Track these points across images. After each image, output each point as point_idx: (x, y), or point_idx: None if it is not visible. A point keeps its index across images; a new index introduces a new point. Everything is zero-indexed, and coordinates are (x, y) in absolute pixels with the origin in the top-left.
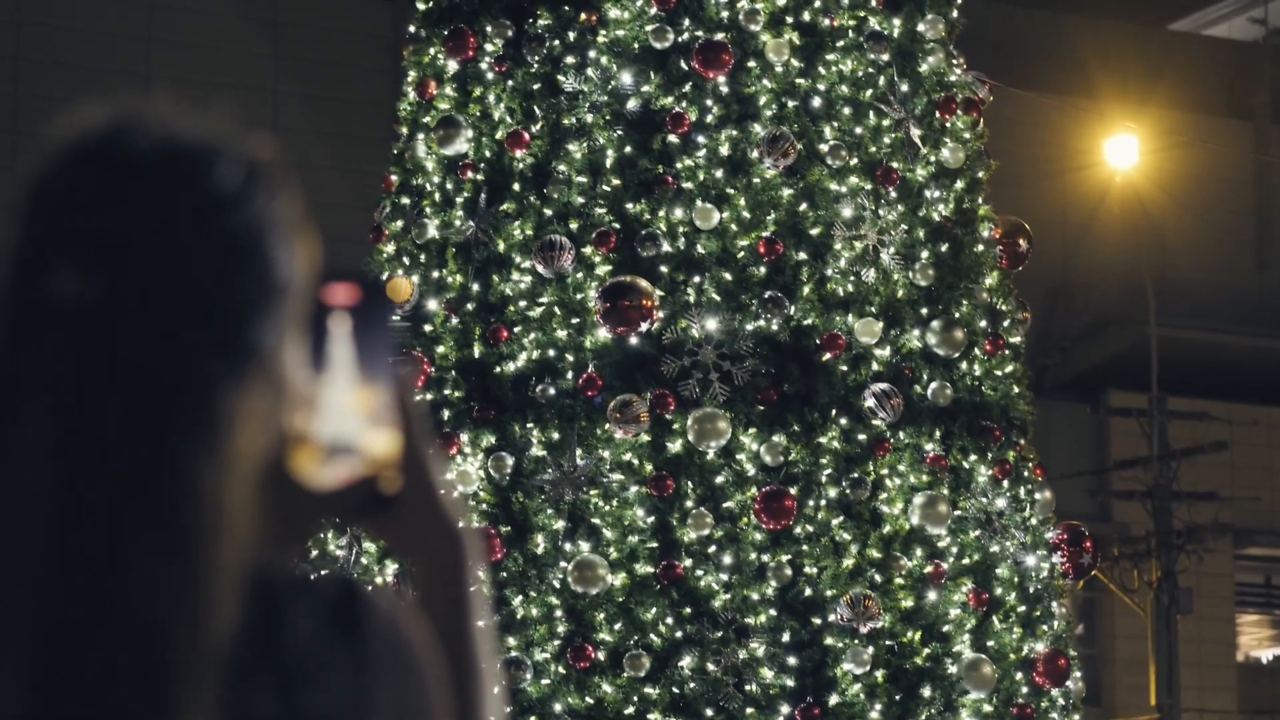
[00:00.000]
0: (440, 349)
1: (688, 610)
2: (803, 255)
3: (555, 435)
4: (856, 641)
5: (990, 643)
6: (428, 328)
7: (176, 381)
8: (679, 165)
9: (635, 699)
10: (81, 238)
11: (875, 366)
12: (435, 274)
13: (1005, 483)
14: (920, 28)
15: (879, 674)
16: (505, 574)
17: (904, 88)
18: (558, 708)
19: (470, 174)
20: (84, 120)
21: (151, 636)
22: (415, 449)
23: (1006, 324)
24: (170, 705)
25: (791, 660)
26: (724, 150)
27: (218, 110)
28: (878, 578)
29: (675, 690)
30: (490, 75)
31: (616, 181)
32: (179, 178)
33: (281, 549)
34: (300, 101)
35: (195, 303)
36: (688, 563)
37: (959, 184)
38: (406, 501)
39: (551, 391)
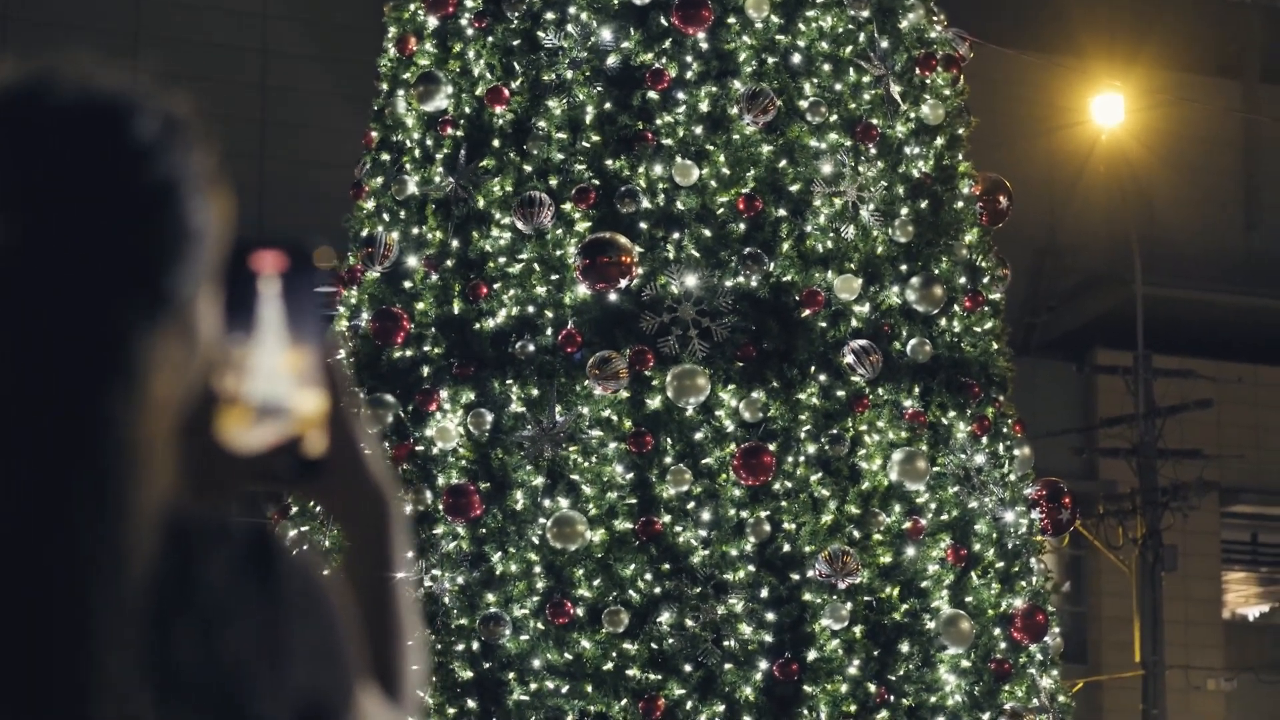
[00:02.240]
0: (420, 305)
1: (666, 566)
2: (782, 212)
3: (534, 392)
4: (835, 597)
5: (968, 598)
6: (407, 284)
7: (93, 326)
8: (659, 121)
9: (614, 654)
10: (0, 186)
11: (854, 323)
12: (415, 230)
13: (984, 439)
14: None
15: (857, 629)
16: (484, 530)
17: (884, 44)
18: (536, 663)
19: (450, 130)
20: (2, 74)
21: (75, 579)
22: (341, 411)
23: (986, 280)
24: (94, 647)
25: (770, 616)
26: (704, 107)
27: (138, 67)
28: (856, 534)
29: (654, 646)
30: (470, 31)
31: (596, 138)
32: (97, 129)
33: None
34: (288, 60)
35: (111, 250)
36: (667, 519)
37: (939, 141)
38: (332, 464)
39: (531, 348)
